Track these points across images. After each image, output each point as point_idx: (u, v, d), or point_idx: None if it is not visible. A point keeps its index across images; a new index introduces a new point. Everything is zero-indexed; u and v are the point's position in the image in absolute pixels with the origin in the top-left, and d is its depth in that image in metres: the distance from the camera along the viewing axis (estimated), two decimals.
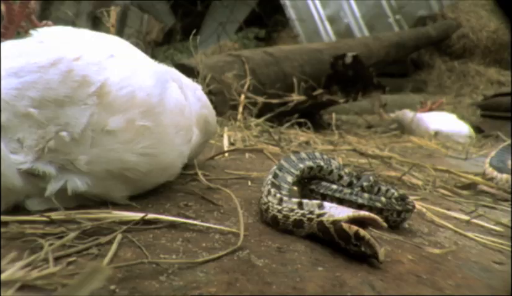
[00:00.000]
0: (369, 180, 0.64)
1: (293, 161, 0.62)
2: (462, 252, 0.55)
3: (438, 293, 0.39)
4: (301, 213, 0.49)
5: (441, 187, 0.96)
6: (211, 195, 0.63)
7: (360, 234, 0.43)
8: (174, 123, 0.59)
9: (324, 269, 0.41)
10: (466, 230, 0.67)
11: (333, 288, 0.37)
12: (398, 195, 0.64)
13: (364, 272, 0.42)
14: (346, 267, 0.42)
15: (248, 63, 2.03)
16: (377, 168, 1.12)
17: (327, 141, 1.48)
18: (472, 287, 0.43)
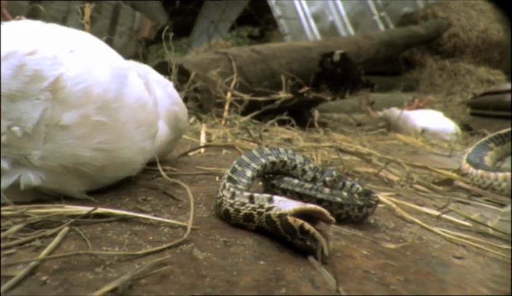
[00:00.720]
0: (332, 175, 0.63)
1: (255, 156, 0.61)
2: (423, 247, 0.54)
3: (383, 288, 0.38)
4: (251, 207, 0.49)
5: (418, 183, 0.96)
6: (174, 191, 0.62)
7: (305, 228, 0.42)
8: (134, 118, 0.58)
9: (265, 263, 0.40)
10: (434, 225, 0.67)
11: (268, 282, 0.36)
12: (363, 190, 0.63)
13: (308, 266, 0.41)
14: (291, 261, 0.41)
15: (235, 60, 2.02)
16: (356, 164, 1.12)
17: (311, 138, 1.48)
18: (422, 281, 0.42)
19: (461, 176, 0.98)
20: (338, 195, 0.58)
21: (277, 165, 0.63)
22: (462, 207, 0.84)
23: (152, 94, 0.65)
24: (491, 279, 0.47)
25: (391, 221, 0.64)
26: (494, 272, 0.49)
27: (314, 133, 1.69)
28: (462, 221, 0.70)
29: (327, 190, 0.58)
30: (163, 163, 0.80)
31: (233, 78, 1.93)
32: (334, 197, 0.57)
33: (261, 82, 2.08)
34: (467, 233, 0.65)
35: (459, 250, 0.56)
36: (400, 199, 0.80)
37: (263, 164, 0.60)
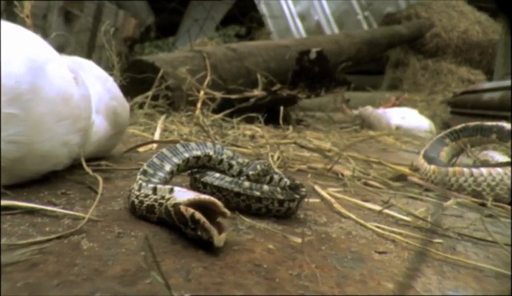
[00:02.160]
0: (256, 169, 0.62)
1: (179, 151, 0.59)
2: (346, 242, 0.53)
3: (263, 283, 0.36)
4: (154, 199, 0.47)
5: (372, 179, 0.95)
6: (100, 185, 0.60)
7: (195, 217, 0.41)
8: (54, 111, 0.56)
9: (148, 255, 0.38)
10: (371, 220, 0.65)
11: (136, 273, 0.34)
12: (290, 184, 0.62)
13: (194, 258, 0.39)
14: (176, 254, 0.40)
15: (209, 58, 1.99)
16: (316, 160, 1.10)
17: (279, 135, 1.46)
18: (318, 276, 0.40)
19: (416, 171, 0.97)
20: (258, 189, 0.56)
21: (203, 159, 0.61)
22: (411, 202, 0.83)
23: (82, 88, 0.63)
24: (406, 273, 0.45)
25: (324, 216, 0.62)
26: (412, 267, 0.48)
27: (285, 130, 1.67)
28: (403, 216, 0.69)
29: (247, 184, 0.57)
30: (104, 158, 0.78)
31: (206, 75, 1.91)
32: (252, 190, 0.56)
33: (236, 80, 2.06)
34: (404, 228, 0.64)
35: (386, 245, 0.54)
36: (346, 194, 0.79)
37: (186, 159, 0.59)
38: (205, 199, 0.43)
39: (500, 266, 0.52)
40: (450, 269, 0.50)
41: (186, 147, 0.61)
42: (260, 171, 0.61)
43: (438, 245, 0.58)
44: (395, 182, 0.95)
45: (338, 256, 0.47)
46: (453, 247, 0.58)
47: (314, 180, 0.88)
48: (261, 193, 0.56)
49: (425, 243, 0.52)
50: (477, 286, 0.45)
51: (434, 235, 0.62)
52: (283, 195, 0.57)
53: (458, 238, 0.62)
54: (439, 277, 0.46)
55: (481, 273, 0.49)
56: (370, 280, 0.41)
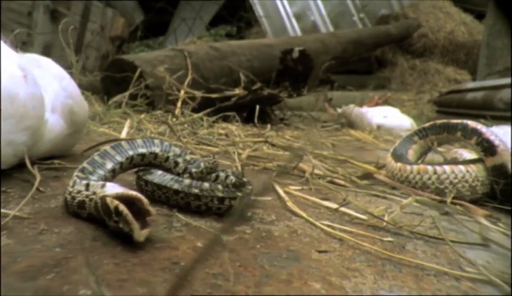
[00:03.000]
0: (199, 167, 0.60)
1: (124, 148, 0.58)
2: (286, 241, 0.51)
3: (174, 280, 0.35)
4: (85, 194, 0.47)
5: (338, 177, 0.94)
6: (48, 183, 0.59)
7: (119, 209, 0.40)
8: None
9: (61, 251, 0.37)
10: (324, 219, 0.64)
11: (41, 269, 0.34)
12: (235, 182, 0.60)
13: (109, 255, 0.38)
14: (96, 249, 0.39)
15: (190, 57, 1.98)
16: (286, 157, 1.09)
17: (255, 134, 1.45)
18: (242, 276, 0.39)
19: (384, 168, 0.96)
20: (197, 187, 0.55)
21: (148, 157, 0.60)
22: (374, 201, 0.82)
23: (31, 86, 0.61)
24: (341, 273, 0.44)
25: (274, 214, 0.61)
26: (351, 266, 0.47)
27: (263, 129, 1.66)
28: (360, 214, 0.68)
29: (187, 182, 0.55)
30: (61, 157, 0.77)
31: (187, 74, 1.89)
32: (191, 188, 0.54)
33: (218, 80, 2.04)
34: (358, 226, 0.63)
35: (330, 244, 0.53)
36: (307, 193, 0.78)
37: (130, 157, 0.58)
38: (132, 194, 0.43)
39: (443, 264, 0.51)
40: (392, 268, 0.49)
41: (132, 144, 0.59)
42: (203, 168, 0.60)
43: (386, 243, 0.57)
44: (362, 181, 0.94)
45: (271, 255, 0.46)
46: (402, 245, 0.57)
47: (278, 178, 0.87)
48: (200, 190, 0.54)
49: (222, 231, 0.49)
50: (414, 285, 0.44)
51: (387, 233, 0.62)
52: (223, 193, 0.55)
53: (411, 236, 0.61)
54: (377, 276, 0.45)
55: (422, 272, 0.48)
56: (296, 280, 0.40)
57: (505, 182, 0.84)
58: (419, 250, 0.56)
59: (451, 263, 0.52)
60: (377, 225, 0.63)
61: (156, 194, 0.57)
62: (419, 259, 0.52)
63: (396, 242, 0.58)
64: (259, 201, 0.67)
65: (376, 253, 0.52)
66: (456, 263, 0.52)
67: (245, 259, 0.43)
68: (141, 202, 0.42)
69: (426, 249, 0.56)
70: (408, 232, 0.62)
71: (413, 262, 0.50)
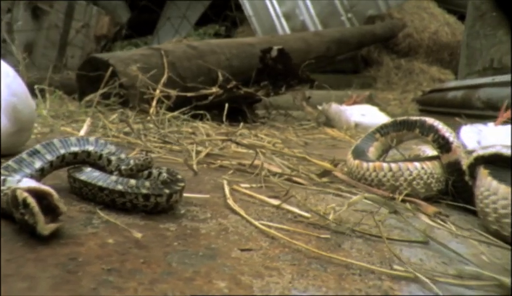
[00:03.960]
0: (129, 164, 0.58)
1: (55, 146, 0.56)
2: (211, 239, 0.49)
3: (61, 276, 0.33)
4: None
5: (297, 175, 0.92)
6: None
7: (27, 201, 0.39)
8: None
9: None
10: (263, 217, 0.62)
11: None
12: (166, 178, 0.58)
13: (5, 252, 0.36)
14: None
15: (167, 56, 1.95)
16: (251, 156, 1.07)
17: (224, 133, 1.42)
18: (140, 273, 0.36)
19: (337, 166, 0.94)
20: (122, 184, 0.53)
21: (81, 156, 0.58)
22: (328, 198, 0.80)
23: None
24: (257, 272, 0.42)
25: (210, 212, 0.59)
26: (271, 265, 0.45)
27: (236, 127, 1.63)
28: (304, 212, 0.66)
29: (113, 178, 0.53)
30: (6, 156, 0.74)
31: (164, 73, 1.86)
32: (116, 185, 0.52)
33: (196, 79, 2.01)
34: (298, 224, 0.61)
35: (259, 242, 0.51)
36: (256, 191, 0.76)
37: (61, 156, 0.56)
38: (43, 189, 0.42)
39: (373, 263, 0.49)
40: (317, 267, 0.47)
41: (64, 143, 0.57)
42: (132, 166, 0.58)
43: (322, 242, 0.55)
44: (321, 178, 0.92)
45: (186, 252, 0.43)
46: (339, 244, 0.55)
47: (231, 176, 0.85)
48: (125, 187, 0.52)
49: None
50: (334, 285, 0.42)
51: (327, 231, 0.60)
52: (149, 190, 0.53)
53: (351, 235, 0.59)
54: (296, 275, 0.43)
55: (348, 271, 0.46)
56: (201, 278, 0.38)
57: (458, 179, 0.83)
58: (355, 248, 0.54)
59: (382, 262, 0.50)
60: (318, 223, 0.61)
61: (83, 191, 0.55)
62: (351, 257, 0.50)
63: (333, 241, 0.56)
64: (198, 199, 0.65)
65: (306, 252, 0.50)
66: (388, 261, 0.50)
67: (152, 257, 0.41)
68: (52, 197, 0.41)
69: (363, 247, 0.54)
70: (349, 230, 0.60)
71: (343, 261, 0.48)
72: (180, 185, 0.57)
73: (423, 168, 0.83)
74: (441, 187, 0.85)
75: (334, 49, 3.30)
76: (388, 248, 0.54)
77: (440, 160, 0.86)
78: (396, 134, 0.97)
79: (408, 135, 0.96)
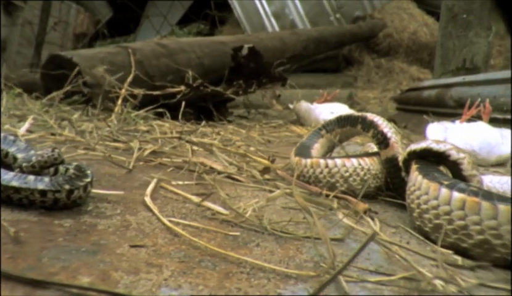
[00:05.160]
0: (30, 161, 0.56)
1: None
2: (105, 235, 0.47)
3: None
4: None
5: (237, 172, 0.90)
6: None
7: None
8: None
9: None
10: (183, 214, 0.60)
11: None
12: (71, 174, 0.55)
13: None
14: None
15: (134, 54, 1.91)
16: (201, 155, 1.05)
17: (183, 131, 1.40)
18: None
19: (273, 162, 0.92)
20: (19, 180, 0.50)
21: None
22: (260, 195, 0.78)
23: None
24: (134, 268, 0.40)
25: (121, 209, 0.57)
26: (155, 262, 0.42)
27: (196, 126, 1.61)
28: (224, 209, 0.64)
29: (10, 174, 0.51)
30: None
31: (130, 72, 1.83)
32: (11, 181, 0.50)
33: (164, 77, 1.98)
34: (211, 221, 0.59)
35: (156, 239, 0.49)
36: (185, 188, 0.73)
37: None
38: None
39: (270, 261, 0.47)
40: (207, 264, 0.44)
41: None
42: (34, 162, 0.55)
43: (228, 239, 0.53)
44: (262, 176, 0.91)
45: (67, 248, 0.41)
46: (245, 242, 0.53)
47: (168, 174, 0.82)
48: (19, 183, 0.50)
49: None
50: (214, 284, 0.40)
51: (240, 229, 0.58)
52: (45, 186, 0.51)
53: (263, 232, 0.57)
54: (177, 273, 0.41)
55: (238, 269, 0.44)
56: (65, 273, 0.36)
57: (396, 175, 0.81)
58: (261, 246, 0.52)
59: (281, 261, 0.48)
60: (233, 220, 0.59)
61: None
62: (249, 256, 0.48)
63: (240, 238, 0.54)
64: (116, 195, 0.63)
65: (205, 249, 0.48)
66: (288, 260, 0.48)
67: (24, 252, 0.39)
68: None
69: (269, 245, 0.52)
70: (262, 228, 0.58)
71: (238, 259, 0.46)
72: (84, 181, 0.54)
73: (360, 164, 0.81)
74: (379, 184, 0.84)
75: (312, 47, 3.29)
76: (294, 246, 0.52)
77: (380, 156, 0.85)
78: (341, 130, 0.96)
79: (352, 132, 0.95)
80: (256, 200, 0.69)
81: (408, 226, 0.67)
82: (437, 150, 0.72)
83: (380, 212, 0.75)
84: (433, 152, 0.72)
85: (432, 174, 0.66)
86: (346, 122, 0.94)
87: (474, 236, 0.57)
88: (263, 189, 0.80)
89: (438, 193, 0.61)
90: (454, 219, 0.58)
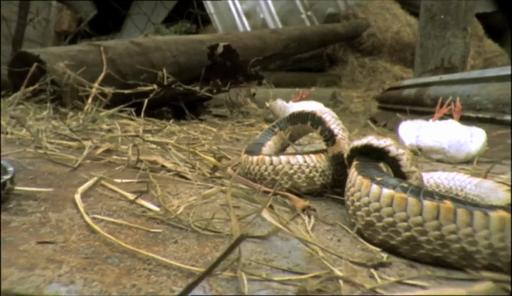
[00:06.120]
0: None
1: None
2: (13, 232, 0.46)
3: None
4: None
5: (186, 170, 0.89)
6: None
7: None
8: None
9: None
10: (114, 211, 0.59)
11: None
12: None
13: None
14: None
15: (107, 52, 1.89)
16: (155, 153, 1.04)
17: (150, 130, 1.39)
18: None
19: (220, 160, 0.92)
20: None
21: None
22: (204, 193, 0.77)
23: None
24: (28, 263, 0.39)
25: (46, 206, 0.56)
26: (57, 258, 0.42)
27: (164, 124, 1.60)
28: (156, 206, 0.63)
29: None
30: None
31: (102, 70, 1.81)
32: None
33: (138, 76, 1.96)
34: (137, 219, 0.58)
35: (70, 236, 0.48)
36: (125, 186, 0.73)
37: None
38: None
39: (179, 259, 0.47)
40: (112, 261, 0.44)
41: None
42: None
43: (148, 236, 0.52)
44: (213, 173, 0.90)
45: None
46: (164, 239, 0.52)
47: (114, 172, 0.81)
48: None
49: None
50: (110, 280, 0.39)
51: (167, 226, 0.57)
52: None
53: (187, 229, 0.56)
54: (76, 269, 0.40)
55: (142, 266, 0.43)
56: None
57: (342, 172, 0.81)
58: (180, 243, 0.51)
59: (192, 258, 0.47)
60: (159, 217, 0.59)
61: None
62: (163, 253, 0.47)
63: (161, 236, 0.53)
64: (46, 193, 0.62)
65: (118, 246, 0.47)
66: (199, 258, 0.47)
67: None
68: None
69: (188, 242, 0.52)
70: (187, 225, 0.57)
71: (146, 256, 0.46)
72: (4, 178, 0.53)
73: (305, 161, 0.81)
74: (327, 181, 0.84)
75: (293, 46, 3.29)
76: (213, 244, 0.52)
77: (327, 153, 0.85)
78: (293, 127, 0.95)
79: (304, 129, 0.94)
80: (195, 197, 0.69)
81: (346, 224, 0.67)
82: (376, 146, 0.71)
83: (323, 210, 0.75)
84: (374, 148, 0.72)
85: (368, 170, 0.65)
86: (298, 119, 0.94)
87: (401, 233, 0.56)
88: (209, 187, 0.79)
89: (370, 189, 0.60)
90: (384, 216, 0.58)
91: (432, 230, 0.54)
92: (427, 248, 0.55)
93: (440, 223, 0.54)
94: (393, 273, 0.50)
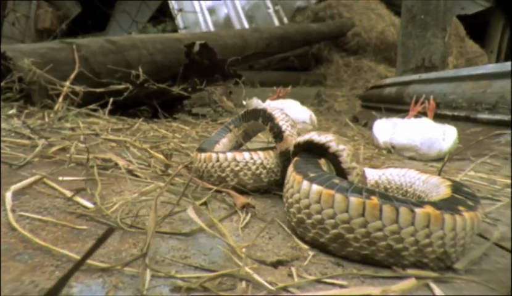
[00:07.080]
0: None
1: None
2: None
3: None
4: None
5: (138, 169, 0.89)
6: None
7: None
8: None
9: None
10: (42, 209, 0.59)
11: None
12: None
13: None
14: None
15: (80, 51, 1.88)
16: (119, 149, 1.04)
17: (118, 129, 1.38)
18: None
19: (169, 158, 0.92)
20: None
21: None
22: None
23: None
24: None
25: None
26: None
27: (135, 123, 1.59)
28: (91, 204, 0.63)
29: None
30: None
31: (74, 68, 1.80)
32: None
33: (112, 74, 1.95)
34: (67, 216, 0.58)
35: None
36: (67, 185, 0.73)
37: None
38: None
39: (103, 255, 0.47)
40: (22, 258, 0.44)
41: None
42: None
43: (71, 234, 0.52)
44: (166, 170, 0.90)
45: None
46: (87, 236, 0.53)
47: (61, 169, 0.81)
48: None
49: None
50: (11, 277, 0.40)
51: (96, 223, 0.57)
52: None
53: (116, 226, 0.57)
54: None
55: (51, 263, 0.44)
56: None
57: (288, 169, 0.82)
58: (117, 241, 0.52)
59: (107, 254, 0.47)
60: (89, 214, 0.59)
61: None
62: (80, 249, 0.48)
63: (85, 232, 0.53)
64: None
65: (33, 243, 0.48)
66: (117, 253, 0.48)
67: None
68: None
69: (109, 239, 0.52)
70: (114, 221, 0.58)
71: (59, 252, 0.46)
72: None
73: (252, 158, 0.82)
74: (275, 178, 0.84)
75: (276, 45, 3.30)
76: (134, 240, 0.52)
77: (276, 150, 0.85)
78: (247, 124, 0.96)
79: (257, 125, 0.95)
80: (135, 195, 0.69)
81: (285, 222, 0.67)
82: (317, 142, 0.71)
83: (267, 207, 0.75)
84: (315, 144, 0.72)
85: (304, 167, 0.65)
86: (251, 116, 0.94)
87: (329, 230, 0.56)
88: (159, 186, 0.80)
89: (301, 186, 0.59)
90: (313, 213, 0.57)
91: (358, 227, 0.53)
92: (354, 246, 0.54)
93: (366, 220, 0.53)
94: (316, 272, 0.50)
